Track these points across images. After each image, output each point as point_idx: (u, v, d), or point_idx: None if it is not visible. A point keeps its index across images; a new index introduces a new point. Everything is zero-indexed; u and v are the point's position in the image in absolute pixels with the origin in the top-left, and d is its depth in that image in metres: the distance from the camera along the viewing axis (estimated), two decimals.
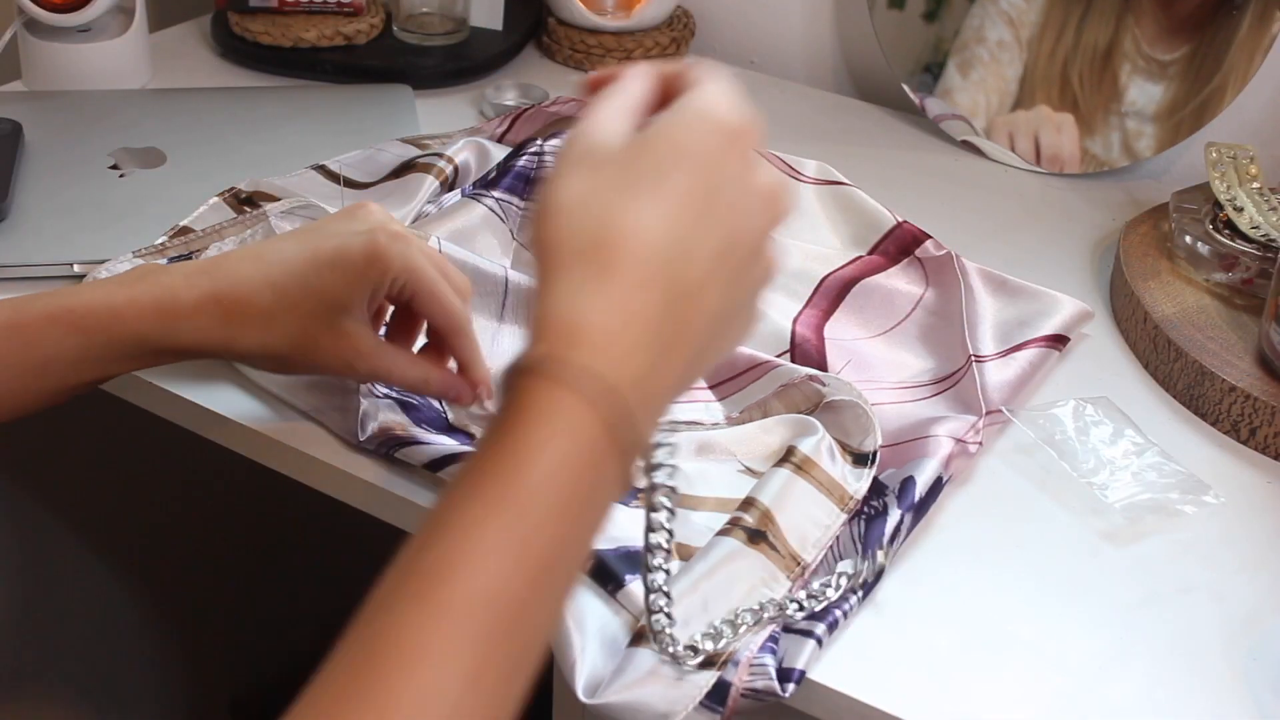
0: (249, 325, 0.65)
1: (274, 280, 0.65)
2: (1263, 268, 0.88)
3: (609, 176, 0.47)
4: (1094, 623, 0.67)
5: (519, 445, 0.44)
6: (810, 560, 0.65)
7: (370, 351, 0.67)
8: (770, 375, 0.75)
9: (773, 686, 0.60)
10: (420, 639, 0.42)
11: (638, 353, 0.45)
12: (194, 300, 0.64)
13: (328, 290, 0.65)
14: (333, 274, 0.65)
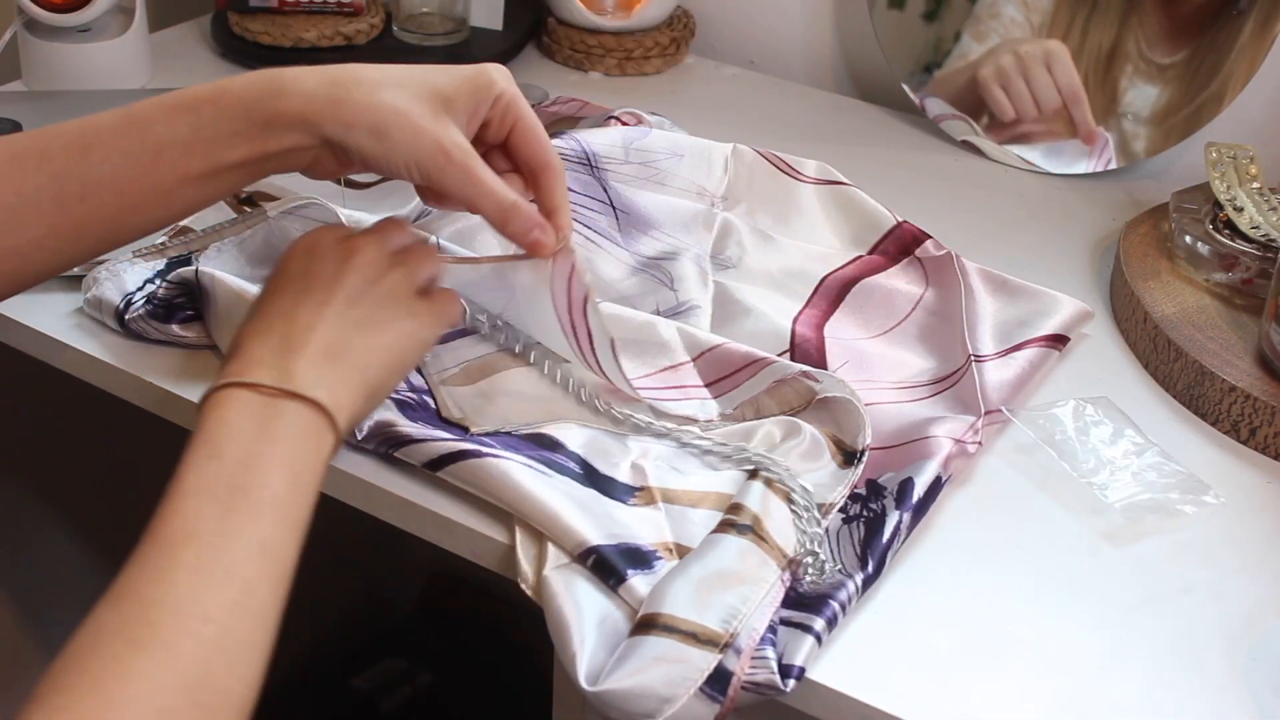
0: (355, 90, 0.65)
1: (382, 71, 0.66)
2: (1263, 268, 0.88)
3: None
4: (1094, 623, 0.67)
5: None
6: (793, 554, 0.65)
7: (470, 150, 0.67)
8: (765, 371, 0.75)
9: (774, 680, 0.60)
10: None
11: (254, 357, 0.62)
12: (301, 73, 0.66)
13: (436, 84, 0.66)
14: (442, 74, 0.67)
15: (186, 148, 0.64)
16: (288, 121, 0.65)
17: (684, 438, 0.73)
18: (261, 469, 0.58)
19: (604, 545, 0.64)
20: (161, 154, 0.64)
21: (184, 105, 0.64)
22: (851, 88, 1.27)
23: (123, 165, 0.64)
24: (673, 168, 0.92)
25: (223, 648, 0.53)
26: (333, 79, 0.65)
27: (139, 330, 0.78)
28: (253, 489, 0.57)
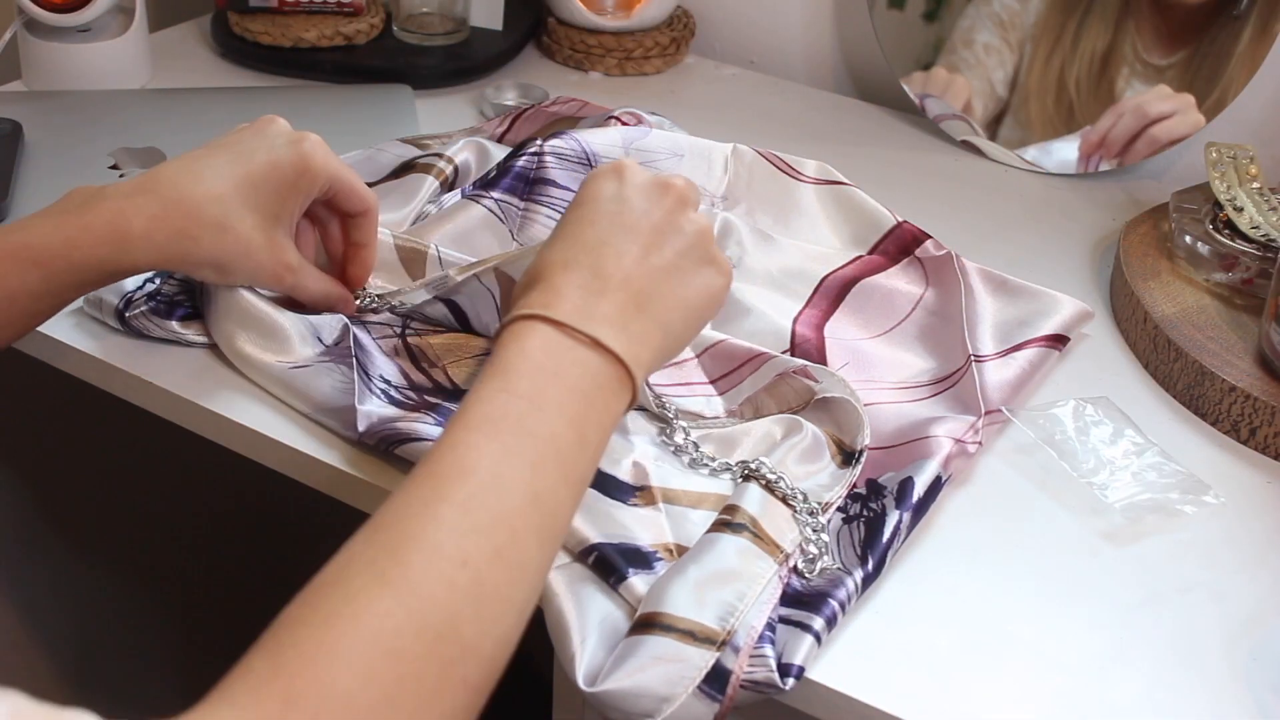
0: (202, 237, 0.70)
1: (219, 194, 0.70)
2: (1263, 268, 0.88)
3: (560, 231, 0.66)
4: (1094, 623, 0.67)
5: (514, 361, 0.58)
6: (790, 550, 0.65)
7: (298, 266, 0.74)
8: (766, 366, 0.76)
9: (773, 678, 0.60)
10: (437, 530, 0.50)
11: (567, 297, 0.61)
12: (145, 222, 0.69)
13: (265, 205, 0.71)
14: (269, 188, 0.72)
15: (39, 297, 0.69)
16: (137, 271, 0.71)
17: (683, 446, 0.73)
18: (552, 416, 0.56)
19: (604, 543, 0.64)
20: (15, 300, 0.68)
21: (34, 260, 0.68)
22: (851, 88, 1.27)
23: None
24: (673, 167, 0.92)
25: (476, 598, 0.50)
26: (179, 229, 0.69)
27: (140, 328, 0.78)
28: (540, 436, 0.55)
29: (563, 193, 0.88)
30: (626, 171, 0.66)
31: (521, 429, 0.55)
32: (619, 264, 0.62)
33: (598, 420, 0.58)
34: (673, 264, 0.64)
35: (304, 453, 0.73)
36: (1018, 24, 1.11)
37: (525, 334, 0.58)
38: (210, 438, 0.76)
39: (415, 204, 0.89)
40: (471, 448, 0.54)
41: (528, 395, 0.56)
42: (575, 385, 0.58)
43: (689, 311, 0.64)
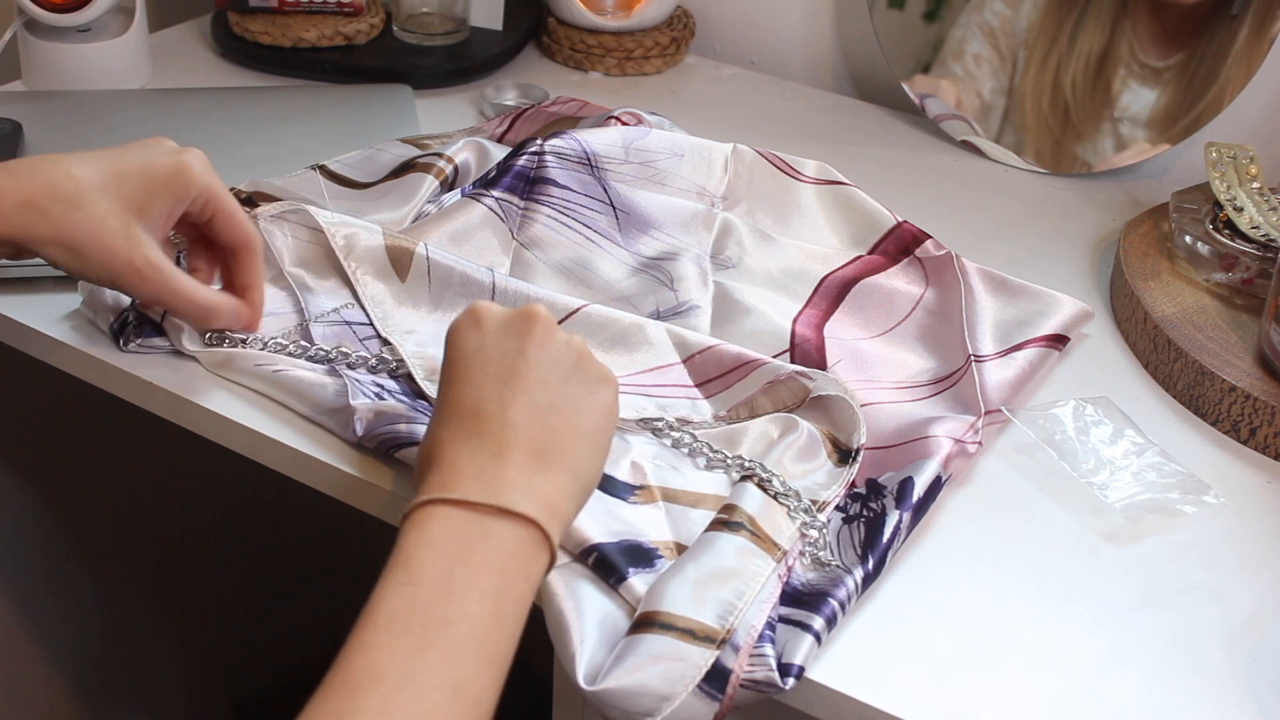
0: (49, 212, 0.67)
1: (78, 175, 0.68)
2: (1263, 268, 0.88)
3: None
4: (1094, 623, 0.67)
5: None
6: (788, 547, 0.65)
7: (162, 265, 0.70)
8: (757, 373, 0.75)
9: (773, 678, 0.60)
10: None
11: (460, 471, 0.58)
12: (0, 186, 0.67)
13: (129, 196, 0.68)
14: (136, 182, 0.69)
15: None
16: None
17: (680, 438, 0.73)
18: (462, 599, 0.53)
19: (605, 543, 0.64)
20: None
21: None
22: (851, 88, 1.27)
23: None
24: (673, 167, 0.92)
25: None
26: (28, 199, 0.67)
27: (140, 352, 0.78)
28: (451, 622, 0.52)
29: (563, 192, 0.89)
30: (482, 315, 0.63)
31: (430, 619, 0.52)
32: (504, 417, 0.59)
33: (514, 591, 0.55)
34: (559, 396, 0.61)
35: (305, 453, 0.73)
36: (1009, 31, 1.11)
37: (425, 520, 0.56)
38: (211, 438, 0.76)
39: (415, 203, 0.89)
40: (380, 649, 0.51)
41: (433, 583, 0.53)
42: (485, 561, 0.55)
43: (591, 440, 0.61)
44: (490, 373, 0.61)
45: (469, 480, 0.57)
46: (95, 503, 1.19)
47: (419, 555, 0.55)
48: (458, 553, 0.55)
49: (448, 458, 0.58)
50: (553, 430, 0.60)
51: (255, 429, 0.74)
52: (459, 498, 0.56)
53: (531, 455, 0.58)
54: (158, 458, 1.20)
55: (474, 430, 0.59)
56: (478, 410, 0.60)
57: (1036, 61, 1.11)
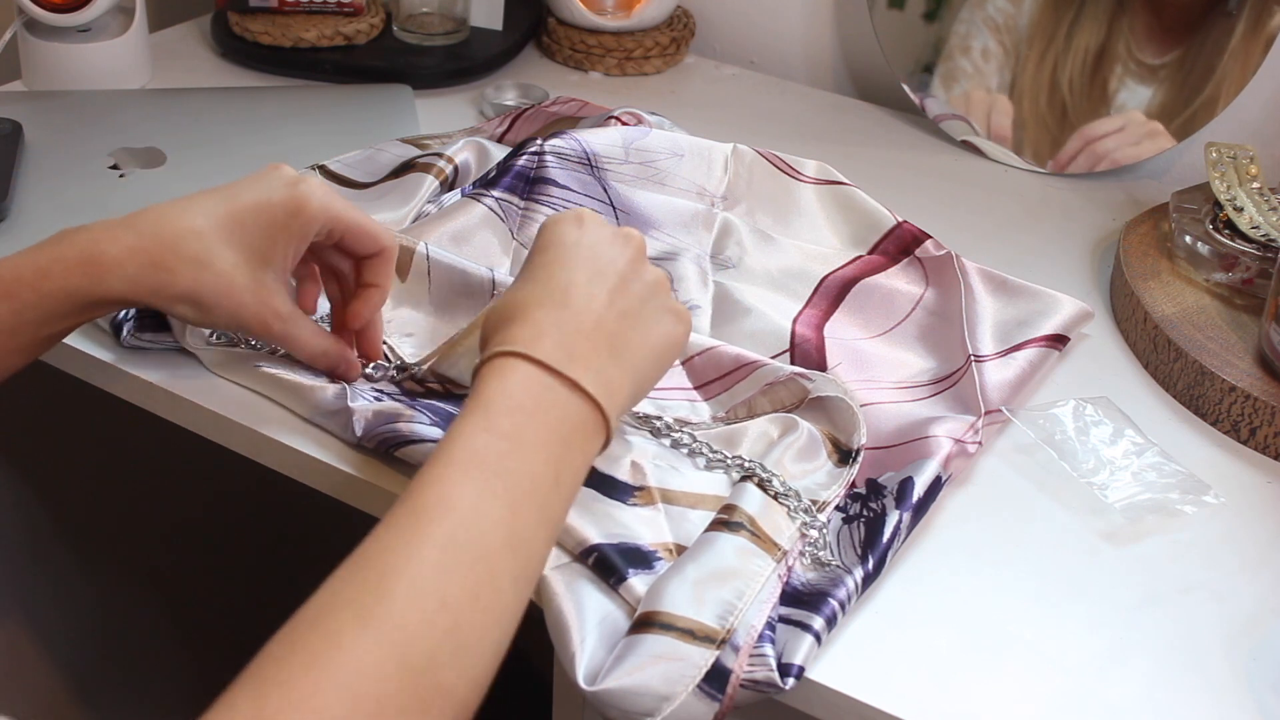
0: (179, 269, 0.66)
1: (200, 229, 0.67)
2: (1263, 268, 0.88)
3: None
4: (1094, 623, 0.67)
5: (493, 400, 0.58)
6: (787, 547, 0.65)
7: (288, 314, 0.70)
8: (756, 375, 0.75)
9: (773, 678, 0.60)
10: (415, 561, 0.50)
11: (544, 334, 0.60)
12: (120, 251, 0.66)
13: (252, 239, 0.68)
14: (256, 223, 0.68)
15: (10, 331, 0.66)
16: (111, 304, 0.67)
17: (680, 438, 0.73)
18: (530, 456, 0.56)
19: (605, 544, 0.64)
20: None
21: (5, 292, 0.65)
22: (851, 88, 1.27)
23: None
24: (673, 168, 0.92)
25: (455, 640, 0.50)
26: (154, 260, 0.66)
27: (140, 346, 0.78)
28: (519, 476, 0.55)
29: (563, 192, 0.89)
30: (587, 219, 0.66)
31: (501, 468, 0.55)
32: (590, 306, 0.62)
33: (573, 463, 0.58)
34: (638, 310, 0.64)
35: (305, 453, 0.73)
36: (1013, 26, 1.11)
37: (506, 371, 0.58)
38: (211, 438, 0.76)
39: (415, 203, 0.89)
40: (453, 484, 0.53)
41: (508, 434, 0.56)
42: (554, 426, 0.57)
43: (655, 357, 0.64)
44: (584, 266, 0.63)
45: (550, 345, 0.59)
46: (94, 501, 1.19)
47: (497, 404, 0.57)
48: (533, 409, 0.57)
49: (533, 318, 0.60)
50: (626, 333, 0.63)
51: (255, 429, 0.74)
52: (541, 358, 0.58)
53: (605, 346, 0.61)
54: (157, 456, 1.20)
55: (562, 303, 0.61)
56: (568, 289, 0.62)
57: (1035, 58, 1.11)
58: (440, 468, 0.54)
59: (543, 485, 0.56)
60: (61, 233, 0.67)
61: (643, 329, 0.64)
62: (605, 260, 0.64)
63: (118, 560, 1.24)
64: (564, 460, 0.57)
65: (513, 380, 0.58)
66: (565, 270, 0.63)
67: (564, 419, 0.58)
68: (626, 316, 0.63)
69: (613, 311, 0.63)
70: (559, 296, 0.62)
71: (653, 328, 0.64)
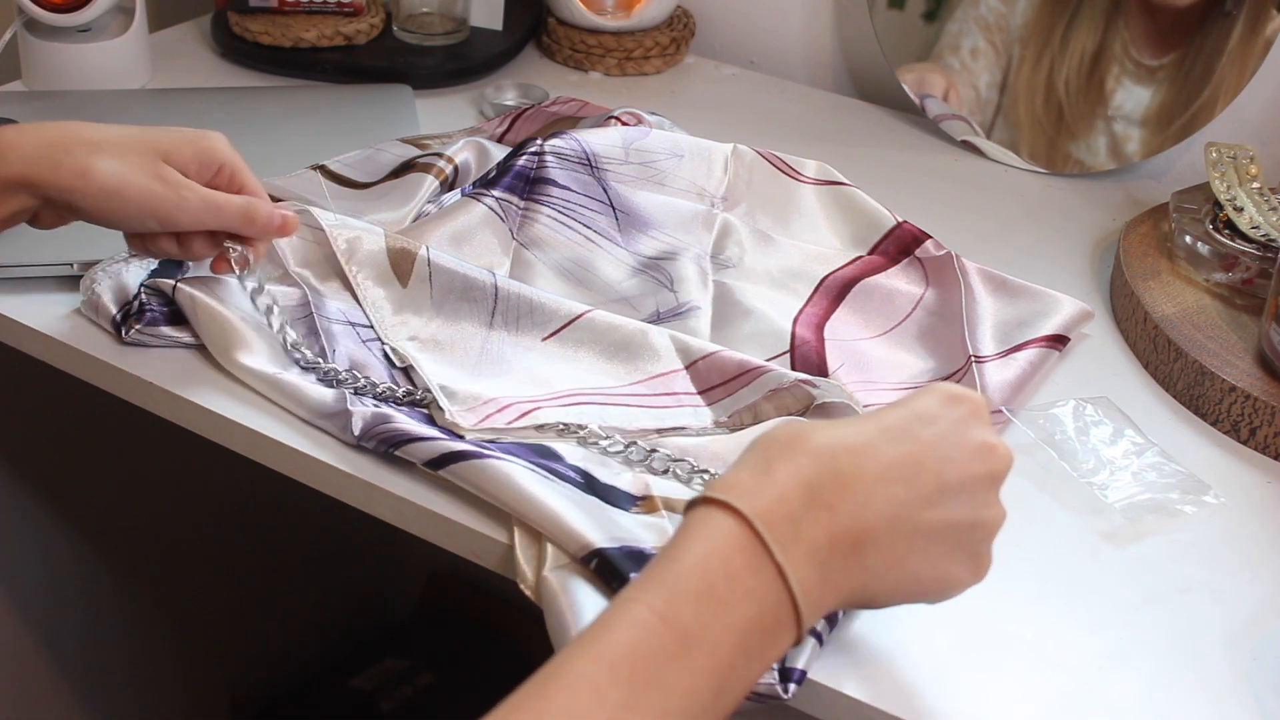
0: (76, 153, 0.67)
1: (100, 126, 0.69)
2: (1263, 268, 0.88)
3: None
4: (1094, 623, 0.67)
5: (675, 543, 0.51)
6: None
7: (195, 185, 0.71)
8: (760, 380, 0.75)
9: (775, 689, 0.60)
10: None
11: (785, 499, 0.51)
12: (23, 138, 0.67)
13: (155, 139, 0.69)
14: (161, 133, 0.70)
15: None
16: (9, 186, 0.67)
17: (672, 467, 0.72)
18: (697, 667, 0.47)
19: (608, 548, 0.64)
20: None
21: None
22: (851, 88, 1.27)
23: None
24: (673, 168, 0.92)
25: None
26: (50, 141, 0.67)
27: (141, 342, 0.78)
28: (673, 692, 0.47)
29: (563, 192, 0.89)
30: (971, 408, 0.55)
31: (657, 677, 0.46)
32: (870, 494, 0.51)
33: (745, 669, 0.49)
34: (933, 530, 0.53)
35: (305, 453, 0.72)
36: (1004, 27, 1.11)
37: (716, 532, 0.49)
38: (211, 438, 0.76)
39: (415, 203, 0.89)
40: (592, 690, 0.46)
41: (684, 631, 0.47)
42: (738, 624, 0.48)
43: (908, 585, 0.54)
44: (914, 453, 0.53)
45: (784, 524, 0.50)
46: (94, 502, 1.19)
47: (689, 580, 0.48)
48: (724, 602, 0.48)
49: (787, 484, 0.51)
50: (892, 539, 0.52)
51: (255, 429, 0.74)
52: (764, 535, 0.49)
53: (850, 540, 0.51)
54: (156, 457, 1.20)
55: (837, 490, 0.51)
56: (862, 463, 0.52)
57: (1030, 61, 1.11)
58: (588, 662, 0.46)
59: (699, 706, 0.47)
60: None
61: (920, 549, 0.53)
62: (943, 459, 0.53)
63: (117, 561, 1.24)
64: (735, 669, 0.48)
65: (721, 542, 0.49)
66: (881, 455, 0.52)
67: (753, 614, 0.49)
68: (909, 526, 0.52)
69: (896, 512, 0.52)
70: (846, 461, 0.51)
71: (936, 558, 0.53)
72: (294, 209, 0.82)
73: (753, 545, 0.49)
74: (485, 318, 0.79)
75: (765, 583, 0.49)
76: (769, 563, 0.49)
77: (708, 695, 0.47)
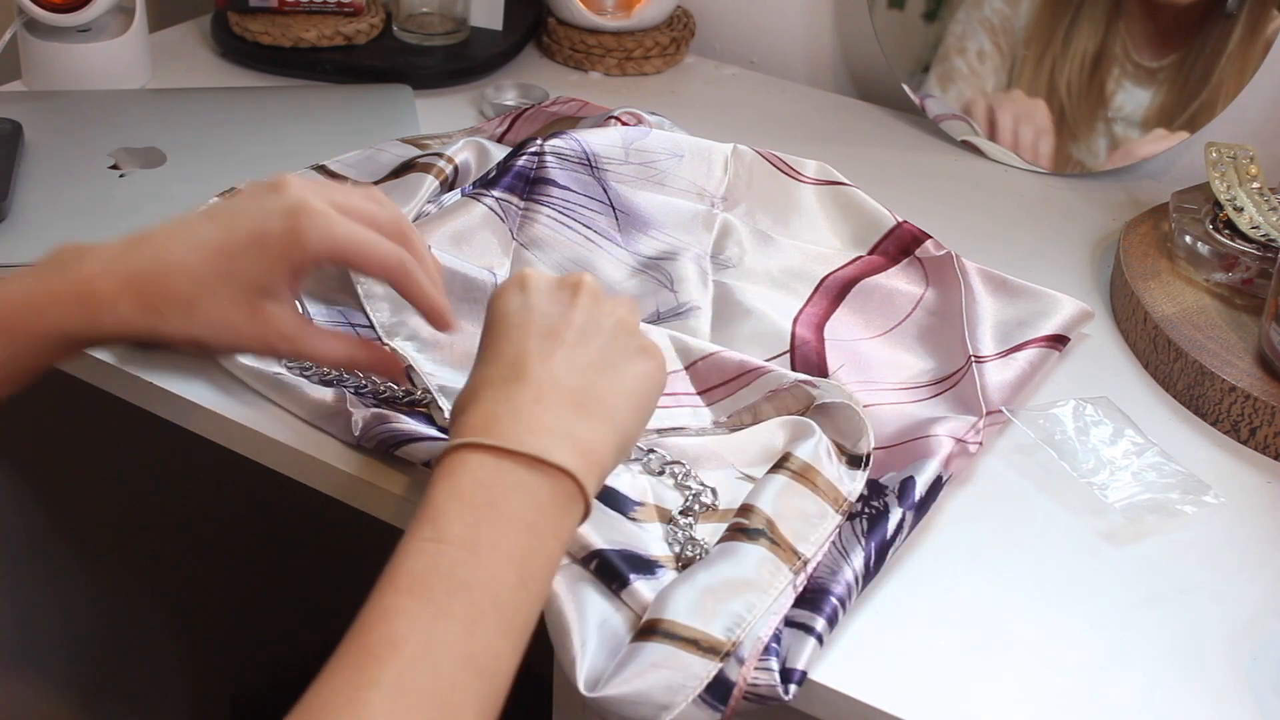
0: (169, 312, 0.64)
1: (190, 267, 0.64)
2: (1263, 268, 0.88)
3: None
4: (1094, 623, 0.67)
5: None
6: (809, 554, 0.65)
7: (292, 333, 0.66)
8: (760, 381, 0.75)
9: (776, 691, 0.60)
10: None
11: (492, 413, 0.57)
12: (113, 289, 0.63)
13: (246, 275, 0.64)
14: (250, 258, 0.64)
15: (2, 363, 0.64)
16: (105, 338, 0.65)
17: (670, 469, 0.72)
18: (488, 559, 0.52)
19: (607, 549, 0.64)
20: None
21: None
22: (851, 88, 1.27)
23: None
24: (673, 168, 0.92)
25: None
26: (147, 302, 0.63)
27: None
28: (474, 585, 0.51)
29: (563, 192, 0.89)
30: (529, 280, 0.63)
31: (454, 582, 0.51)
32: (546, 368, 0.58)
33: (544, 548, 0.54)
34: (602, 358, 0.60)
35: (305, 453, 0.73)
36: (1009, 29, 1.11)
37: (456, 468, 0.54)
38: (211, 438, 0.76)
39: (415, 203, 0.89)
40: (399, 614, 0.50)
41: (459, 541, 0.52)
42: (516, 516, 0.54)
43: (633, 400, 0.61)
44: (532, 330, 0.61)
45: (504, 424, 0.56)
46: (93, 500, 1.19)
47: (447, 508, 0.53)
48: (486, 507, 0.53)
49: (484, 402, 0.57)
50: (592, 384, 0.59)
51: (255, 429, 0.74)
52: (493, 443, 0.55)
53: (570, 403, 0.58)
54: (155, 455, 1.20)
55: (513, 376, 0.58)
56: (518, 360, 0.59)
57: (1032, 60, 1.11)
58: (387, 596, 0.50)
59: (505, 588, 0.52)
60: (58, 254, 0.65)
61: (613, 376, 0.60)
62: (555, 316, 0.61)
63: (116, 560, 1.24)
64: (531, 550, 0.53)
65: (462, 478, 0.54)
66: (513, 341, 0.60)
67: (529, 503, 0.54)
68: (591, 368, 0.60)
69: (572, 369, 0.59)
70: (510, 370, 0.59)
71: (625, 371, 0.61)
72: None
73: (496, 459, 0.55)
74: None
75: (524, 476, 0.55)
76: (519, 459, 0.55)
77: (511, 580, 0.52)
